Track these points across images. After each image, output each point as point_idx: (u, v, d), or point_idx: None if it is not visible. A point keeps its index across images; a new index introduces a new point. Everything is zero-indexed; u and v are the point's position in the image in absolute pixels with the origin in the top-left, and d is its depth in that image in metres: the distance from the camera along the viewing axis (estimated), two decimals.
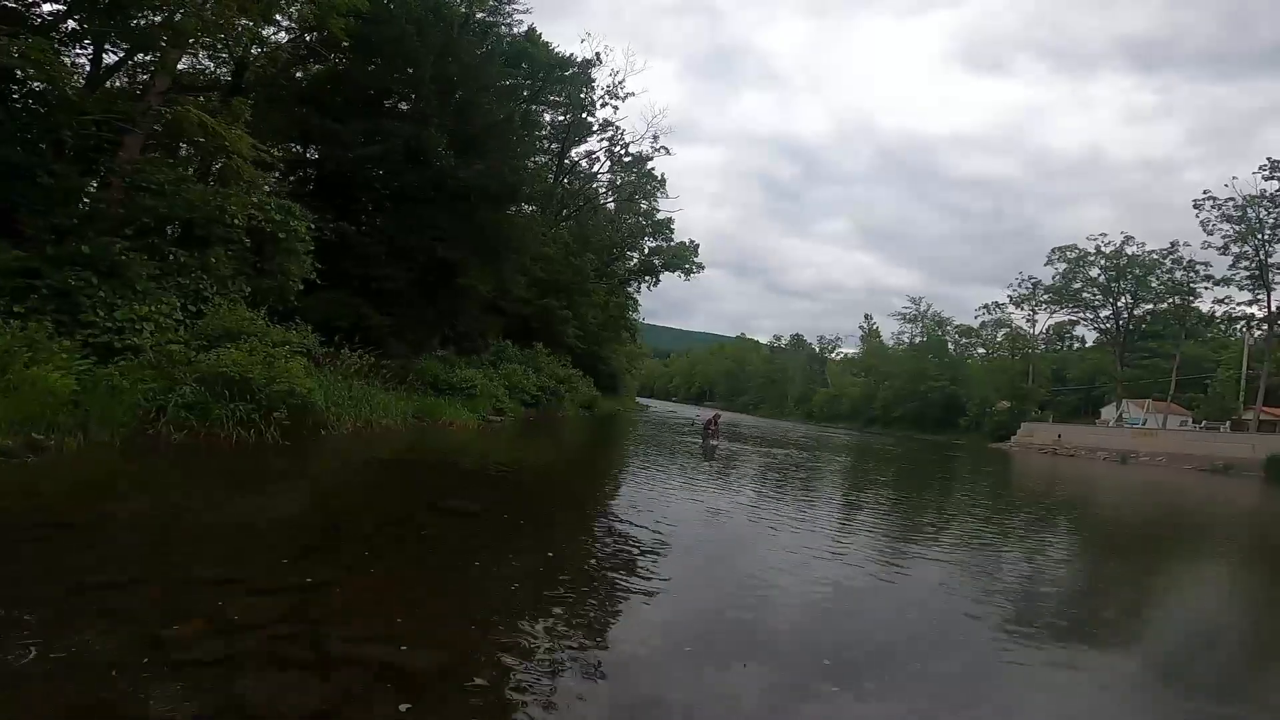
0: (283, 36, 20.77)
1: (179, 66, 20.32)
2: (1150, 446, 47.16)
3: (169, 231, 13.57)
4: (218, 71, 21.02)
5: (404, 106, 23.88)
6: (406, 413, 16.26)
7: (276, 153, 21.26)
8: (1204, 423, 51.51)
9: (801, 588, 6.48)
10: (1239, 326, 55.14)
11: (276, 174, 19.07)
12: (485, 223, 22.87)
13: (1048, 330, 79.08)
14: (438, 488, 9.84)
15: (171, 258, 12.58)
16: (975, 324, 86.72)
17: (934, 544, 9.82)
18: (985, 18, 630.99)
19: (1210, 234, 49.46)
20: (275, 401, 10.65)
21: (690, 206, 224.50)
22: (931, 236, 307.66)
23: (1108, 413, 66.49)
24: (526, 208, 34.57)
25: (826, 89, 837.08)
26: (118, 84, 17.11)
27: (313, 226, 16.17)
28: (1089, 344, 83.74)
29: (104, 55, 15.12)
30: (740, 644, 4.87)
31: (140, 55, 16.39)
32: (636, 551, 7.11)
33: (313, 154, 23.14)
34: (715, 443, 22.72)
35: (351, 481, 10.14)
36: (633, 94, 45.62)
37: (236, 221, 13.81)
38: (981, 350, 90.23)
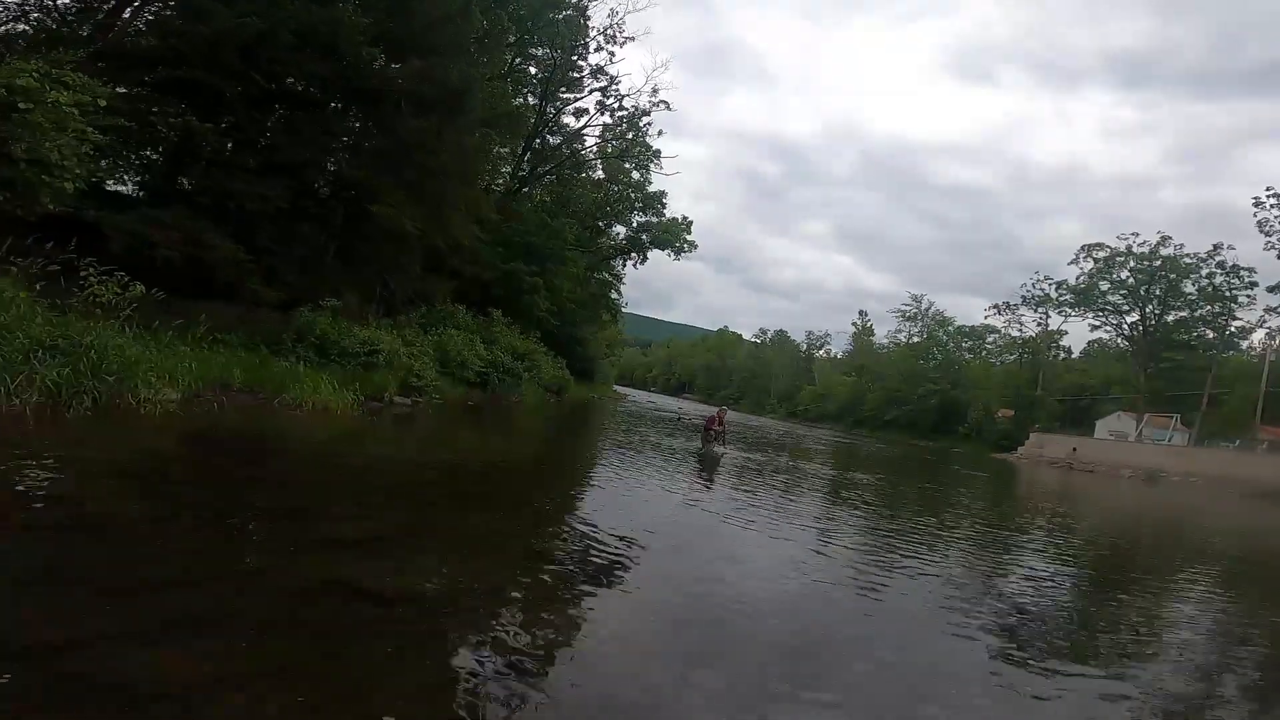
0: None
1: None
2: (1183, 465, 42.17)
3: None
4: None
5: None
6: (199, 384, 9.90)
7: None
8: (1238, 441, 46.79)
9: None
10: (1270, 339, 50.53)
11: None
12: (413, 136, 16.75)
13: (1037, 336, 73.85)
14: None
15: None
16: (979, 327, 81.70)
17: None
18: (978, 28, 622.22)
19: (1268, 234, 44.68)
20: None
21: (674, 200, 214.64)
22: (910, 242, 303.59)
23: (1104, 425, 61.67)
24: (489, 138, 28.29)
25: (816, 91, 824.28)
26: None
27: (103, 104, 10.27)
28: (1074, 354, 79.18)
29: None
30: None
31: None
32: None
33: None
34: (722, 449, 17.05)
35: None
36: (631, 39, 38.99)
37: None
38: (969, 356, 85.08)
